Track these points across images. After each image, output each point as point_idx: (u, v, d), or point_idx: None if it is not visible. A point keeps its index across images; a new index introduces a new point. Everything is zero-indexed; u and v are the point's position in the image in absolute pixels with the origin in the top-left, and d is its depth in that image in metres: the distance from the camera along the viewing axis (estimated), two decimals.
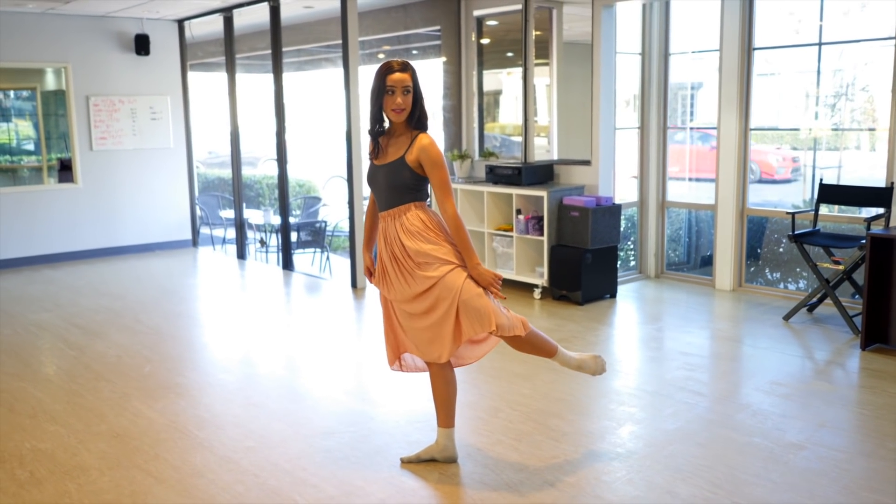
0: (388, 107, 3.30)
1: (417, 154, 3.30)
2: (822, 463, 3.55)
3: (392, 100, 3.28)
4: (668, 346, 5.46)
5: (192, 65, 10.06)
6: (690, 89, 7.59)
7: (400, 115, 3.31)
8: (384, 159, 3.39)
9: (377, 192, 3.45)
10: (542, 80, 7.25)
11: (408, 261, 3.33)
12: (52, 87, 8.88)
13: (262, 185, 12.54)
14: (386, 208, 3.40)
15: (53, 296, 7.19)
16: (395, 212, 3.37)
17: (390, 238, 3.38)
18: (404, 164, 3.32)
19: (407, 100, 3.29)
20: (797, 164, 7.29)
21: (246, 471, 3.57)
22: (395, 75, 3.27)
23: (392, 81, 3.27)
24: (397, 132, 3.39)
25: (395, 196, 3.37)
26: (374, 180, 3.43)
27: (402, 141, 3.37)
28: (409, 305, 3.38)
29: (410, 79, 3.29)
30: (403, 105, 3.28)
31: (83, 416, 4.27)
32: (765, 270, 7.20)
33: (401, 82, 3.27)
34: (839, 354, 5.15)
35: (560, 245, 6.61)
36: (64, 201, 8.85)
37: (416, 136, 3.34)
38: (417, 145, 3.31)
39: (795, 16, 6.63)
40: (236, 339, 5.88)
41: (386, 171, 3.37)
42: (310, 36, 9.91)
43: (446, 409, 3.54)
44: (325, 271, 8.48)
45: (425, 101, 3.39)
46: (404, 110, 3.30)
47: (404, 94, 3.28)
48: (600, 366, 3.64)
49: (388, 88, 3.27)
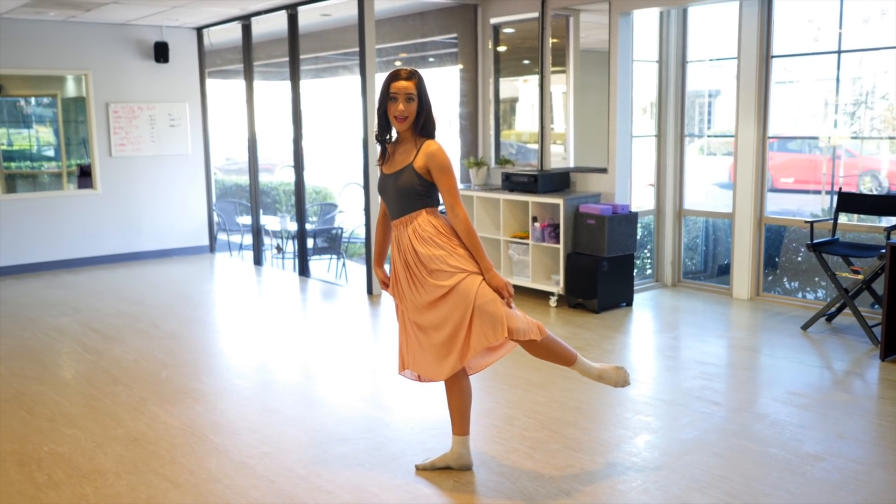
0: (391, 113, 3.34)
1: (425, 160, 3.32)
2: (840, 474, 3.52)
3: (395, 107, 3.31)
4: (685, 355, 5.43)
5: (211, 72, 10.14)
6: (708, 97, 7.56)
7: (402, 123, 3.34)
8: (392, 168, 3.42)
9: (388, 201, 3.47)
10: (558, 88, 7.25)
11: (420, 268, 3.34)
12: (73, 93, 8.97)
13: (279, 191, 12.60)
14: (398, 216, 3.42)
15: (72, 300, 7.25)
16: (406, 219, 3.39)
17: (403, 246, 3.39)
18: (412, 171, 3.34)
19: (410, 107, 3.31)
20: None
21: (261, 476, 3.59)
22: (399, 83, 3.31)
23: (396, 89, 3.31)
24: (404, 140, 3.42)
25: (405, 203, 3.38)
26: (384, 189, 3.46)
27: (409, 148, 3.39)
28: (422, 316, 3.38)
29: (415, 87, 3.31)
30: (406, 112, 3.31)
31: (101, 420, 4.30)
32: (783, 279, 7.15)
33: (404, 90, 3.30)
34: (858, 365, 5.10)
35: (576, 253, 6.59)
36: (83, 207, 8.93)
37: (422, 143, 3.36)
38: (424, 151, 3.33)
39: (814, 23, 6.59)
40: (252, 344, 5.91)
41: (395, 179, 3.39)
42: (327, 43, 9.96)
43: (461, 417, 3.54)
44: (340, 278, 8.50)
45: (433, 109, 3.40)
46: (406, 118, 3.32)
47: (407, 102, 3.31)
48: (622, 377, 3.56)
49: (392, 95, 3.32)
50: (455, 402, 3.52)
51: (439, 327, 3.34)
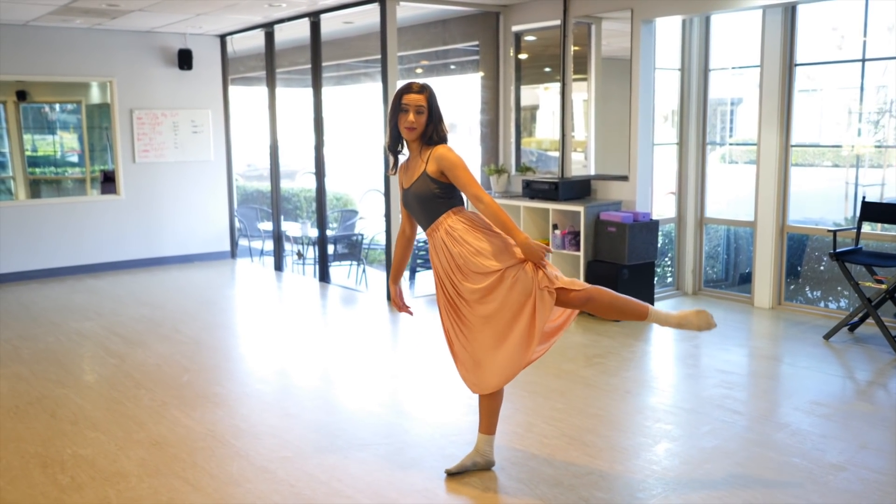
0: (401, 125, 3.43)
1: (436, 164, 3.40)
2: (862, 485, 3.48)
3: (405, 118, 3.41)
4: (706, 363, 5.40)
5: (234, 79, 10.22)
6: (730, 105, 7.53)
7: (411, 133, 3.43)
8: (409, 181, 3.50)
9: (414, 214, 3.55)
10: (579, 96, 7.25)
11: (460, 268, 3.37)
12: (97, 100, 9.08)
13: (300, 197, 12.66)
14: (428, 225, 3.48)
15: (96, 305, 7.33)
16: (435, 225, 3.45)
17: (441, 252, 3.43)
18: (427, 178, 3.42)
19: (419, 119, 3.40)
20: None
21: (282, 481, 3.61)
22: (410, 95, 3.41)
23: (407, 101, 3.41)
24: (414, 152, 3.51)
25: (430, 211, 3.45)
26: (408, 203, 3.54)
27: (421, 158, 3.47)
28: (483, 307, 3.37)
29: (425, 100, 3.40)
30: (415, 124, 3.40)
31: (123, 424, 4.35)
32: (805, 288, 7.09)
33: (415, 102, 3.39)
34: (881, 375, 5.05)
35: (597, 260, 6.58)
36: (107, 213, 9.03)
37: (431, 150, 3.43)
38: (433, 156, 3.41)
39: (838, 31, 6.55)
40: (273, 350, 5.94)
41: (414, 191, 3.46)
42: (349, 51, 10.02)
43: (492, 416, 3.61)
44: (361, 284, 8.53)
45: (444, 123, 3.48)
46: (415, 129, 3.41)
47: (417, 114, 3.40)
48: (705, 321, 3.45)
49: (403, 107, 3.41)
50: (488, 402, 3.58)
51: (499, 313, 3.36)
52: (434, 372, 5.26)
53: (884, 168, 6.46)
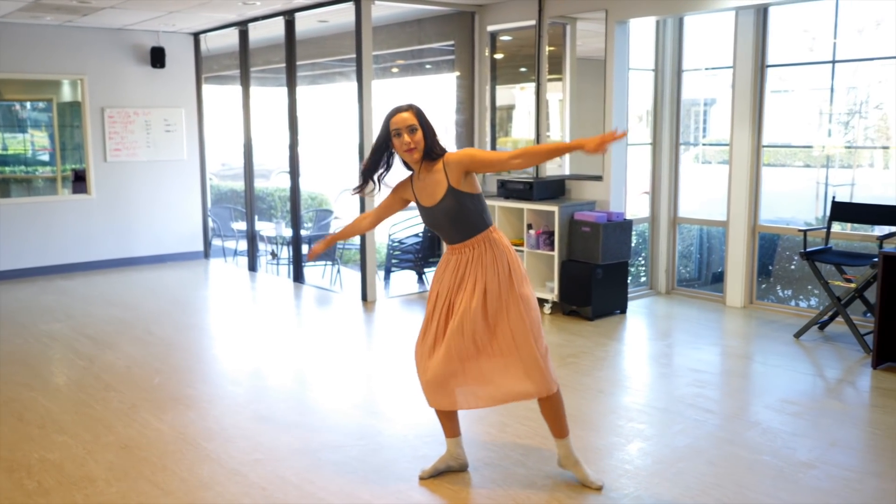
0: (400, 150, 3.30)
1: (455, 172, 3.28)
2: (832, 482, 3.52)
3: (400, 141, 3.28)
4: (678, 362, 5.43)
5: (207, 77, 10.13)
6: (703, 105, 7.58)
7: (412, 154, 3.29)
8: (432, 199, 3.34)
9: (443, 231, 3.41)
10: (555, 96, 7.26)
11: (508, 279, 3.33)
12: (68, 98, 8.97)
13: (275, 197, 12.58)
14: (462, 240, 3.35)
15: (65, 306, 7.23)
16: (475, 240, 3.34)
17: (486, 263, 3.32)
18: (458, 193, 3.29)
19: (415, 138, 3.27)
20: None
21: (253, 484, 3.57)
22: (398, 116, 3.28)
23: (396, 123, 3.28)
24: (424, 172, 3.36)
25: (465, 227, 3.33)
26: (435, 221, 3.39)
27: (438, 175, 3.32)
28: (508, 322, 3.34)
29: (414, 116, 3.28)
30: (413, 143, 3.27)
31: (91, 427, 4.29)
32: (776, 287, 7.16)
33: (405, 122, 3.27)
34: (850, 373, 5.11)
35: (571, 260, 6.60)
36: (78, 212, 8.91)
37: (444, 162, 3.31)
38: (449, 163, 3.30)
39: (809, 33, 6.62)
40: (246, 351, 5.89)
41: (443, 208, 3.31)
42: (324, 50, 9.97)
43: (454, 419, 3.61)
44: (335, 284, 8.49)
45: (436, 136, 3.34)
46: (415, 149, 3.28)
47: (411, 133, 3.26)
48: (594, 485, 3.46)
49: (395, 131, 3.28)
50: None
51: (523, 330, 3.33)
52: (408, 373, 5.24)
53: (853, 168, 6.53)
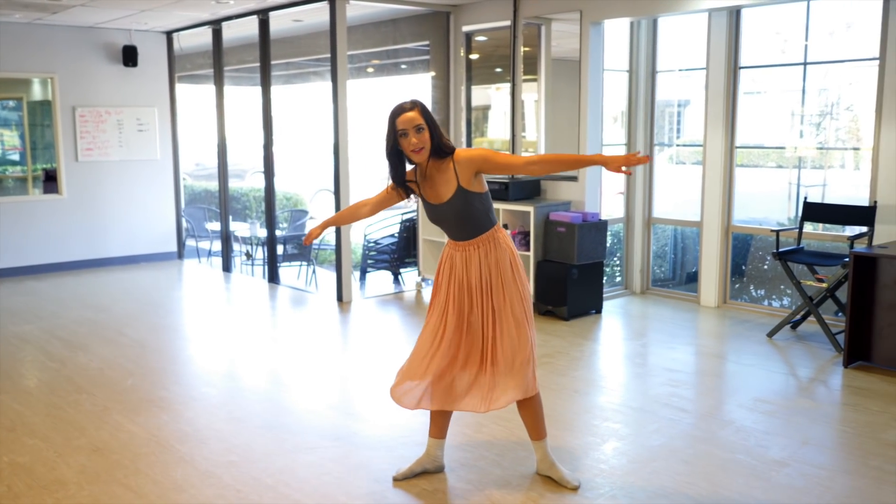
0: (407, 150, 3.25)
1: (466, 171, 3.27)
2: (804, 480, 3.56)
3: (407, 141, 3.23)
4: (653, 362, 5.46)
5: (180, 76, 10.04)
6: (677, 107, 7.64)
7: (420, 154, 3.25)
8: (439, 197, 3.32)
9: (449, 228, 3.39)
10: (530, 96, 7.28)
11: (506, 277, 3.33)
12: (39, 97, 8.84)
13: (249, 197, 12.51)
14: (468, 238, 3.34)
15: (36, 308, 7.13)
16: (479, 240, 3.34)
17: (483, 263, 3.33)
18: (467, 193, 3.28)
19: (422, 137, 3.23)
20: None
21: (228, 486, 3.54)
22: (403, 116, 3.22)
23: (402, 123, 3.22)
24: (431, 169, 3.33)
25: (473, 226, 3.34)
26: (442, 218, 3.37)
27: (447, 173, 3.30)
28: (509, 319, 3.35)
29: (420, 115, 3.23)
30: (420, 144, 3.23)
31: (63, 430, 4.23)
32: (749, 287, 7.23)
33: (411, 122, 3.21)
34: (822, 372, 5.17)
35: (546, 260, 6.61)
36: (49, 212, 8.79)
37: (454, 161, 3.29)
38: (459, 162, 3.28)
39: (781, 35, 6.69)
40: (221, 352, 5.85)
41: (451, 206, 3.30)
42: (298, 49, 9.92)
43: (445, 420, 3.60)
44: (311, 285, 8.45)
45: (441, 132, 3.32)
46: (423, 148, 3.24)
47: (418, 133, 3.22)
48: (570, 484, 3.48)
49: (401, 131, 3.23)
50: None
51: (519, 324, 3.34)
52: (384, 374, 5.23)
53: (825, 169, 6.61)
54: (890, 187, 5.62)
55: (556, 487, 3.48)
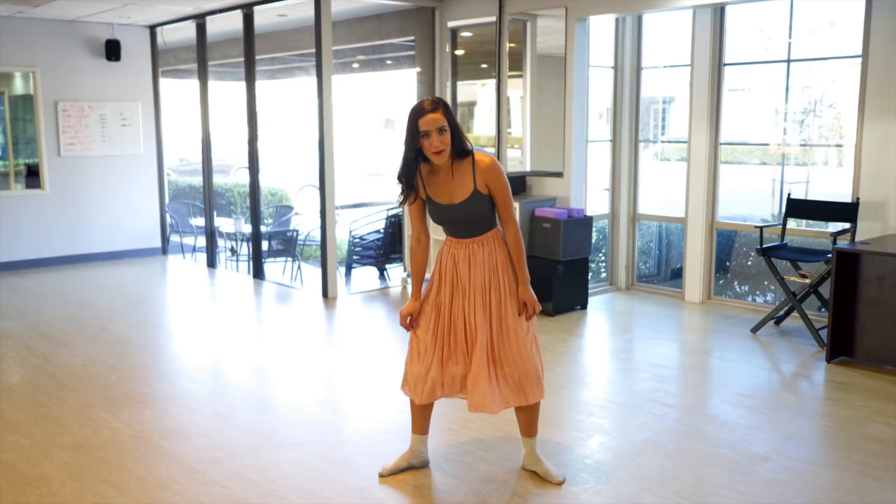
0: (428, 151, 3.22)
1: (483, 178, 3.28)
2: (787, 474, 3.58)
3: (429, 143, 3.20)
4: (638, 357, 5.49)
5: (164, 71, 9.98)
6: (662, 103, 7.66)
7: (442, 156, 3.23)
8: (450, 198, 3.31)
9: (453, 227, 3.38)
10: (515, 92, 7.28)
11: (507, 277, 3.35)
12: (21, 91, 8.76)
13: (234, 193, 12.45)
14: (472, 236, 3.35)
15: (18, 304, 7.07)
16: (487, 237, 3.36)
17: (479, 261, 3.34)
18: (480, 196, 3.29)
19: (444, 139, 3.20)
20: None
21: (212, 482, 3.53)
22: (426, 117, 3.19)
23: (425, 124, 3.19)
24: (445, 168, 3.31)
25: (479, 225, 3.35)
26: (448, 219, 3.36)
27: (463, 175, 3.30)
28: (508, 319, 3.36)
29: (444, 116, 3.20)
30: (442, 146, 3.20)
31: (46, 427, 4.20)
32: (733, 283, 7.27)
33: (434, 123, 3.18)
34: (805, 367, 5.21)
35: (531, 256, 6.62)
36: (31, 208, 8.72)
37: (474, 163, 3.29)
38: (481, 170, 3.28)
39: (765, 33, 6.72)
40: (205, 348, 5.82)
41: (463, 209, 3.30)
42: (283, 44, 9.88)
43: (426, 417, 3.59)
44: (296, 280, 8.43)
45: (462, 133, 3.31)
46: (444, 151, 3.22)
47: (440, 134, 3.18)
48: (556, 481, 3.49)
49: (424, 132, 3.20)
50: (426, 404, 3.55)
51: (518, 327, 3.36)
52: (369, 370, 5.22)
53: (808, 166, 6.66)
54: (872, 184, 5.66)
55: (542, 482, 3.49)
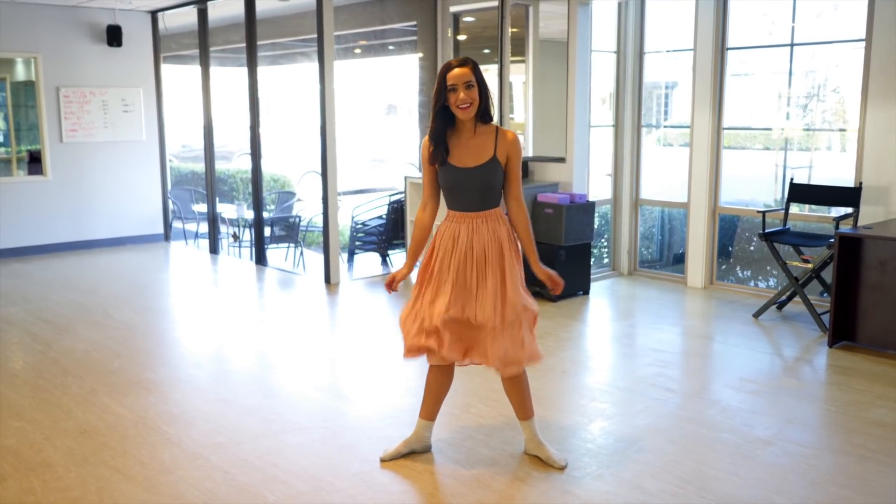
0: (454, 104, 3.24)
1: (506, 150, 3.31)
2: (789, 458, 3.59)
3: (455, 96, 3.23)
4: (640, 342, 5.49)
5: (166, 57, 9.96)
6: (665, 88, 7.63)
7: (468, 111, 3.24)
8: (467, 162, 3.31)
9: (463, 195, 3.35)
10: (518, 77, 7.26)
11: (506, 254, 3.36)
12: (22, 77, 8.74)
13: (236, 179, 12.45)
14: (477, 209, 3.34)
15: (22, 290, 7.09)
16: (486, 214, 3.35)
17: (483, 238, 3.33)
18: (497, 164, 3.30)
19: (471, 94, 3.23)
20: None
21: (216, 467, 3.55)
22: (454, 71, 3.23)
23: (452, 78, 3.22)
24: (467, 131, 3.32)
25: (488, 197, 3.34)
26: (460, 184, 3.33)
27: (485, 139, 3.31)
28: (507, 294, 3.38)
29: (472, 72, 3.23)
30: (468, 100, 3.22)
31: (49, 412, 4.22)
32: (736, 268, 7.27)
33: (461, 77, 3.22)
34: (807, 352, 5.21)
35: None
36: (33, 194, 8.72)
37: (498, 132, 3.33)
38: (506, 140, 3.31)
39: (769, 17, 6.68)
40: (208, 334, 5.83)
41: (478, 174, 3.29)
42: (285, 30, 9.84)
43: (438, 403, 3.60)
44: (298, 266, 8.44)
45: (490, 96, 3.32)
46: (471, 105, 3.23)
47: (467, 89, 3.22)
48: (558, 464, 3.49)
49: (451, 87, 3.23)
50: (438, 386, 3.56)
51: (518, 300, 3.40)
52: (372, 355, 5.24)
53: (811, 151, 6.63)
54: (875, 169, 5.64)
55: (544, 467, 3.50)
